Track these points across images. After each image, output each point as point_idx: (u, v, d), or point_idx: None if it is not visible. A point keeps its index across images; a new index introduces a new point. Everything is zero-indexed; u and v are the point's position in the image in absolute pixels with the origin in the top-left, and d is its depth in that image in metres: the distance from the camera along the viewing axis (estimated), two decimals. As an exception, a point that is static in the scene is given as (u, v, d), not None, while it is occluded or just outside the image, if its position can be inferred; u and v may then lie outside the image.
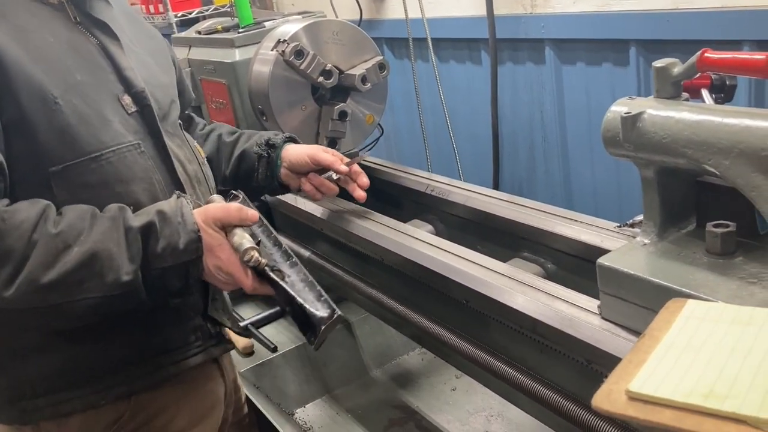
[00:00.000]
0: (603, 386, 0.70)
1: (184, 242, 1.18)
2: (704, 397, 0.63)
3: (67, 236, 1.10)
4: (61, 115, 1.16)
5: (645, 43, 2.24)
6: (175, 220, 1.19)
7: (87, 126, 1.20)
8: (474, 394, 2.08)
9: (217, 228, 1.25)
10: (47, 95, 1.16)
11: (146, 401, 1.32)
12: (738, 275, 1.05)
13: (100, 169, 1.21)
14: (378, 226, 1.84)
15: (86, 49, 1.26)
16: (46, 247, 1.08)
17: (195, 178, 1.41)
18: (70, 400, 1.25)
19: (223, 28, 2.54)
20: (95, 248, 1.11)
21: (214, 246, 1.23)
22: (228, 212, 1.27)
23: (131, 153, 1.26)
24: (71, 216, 1.13)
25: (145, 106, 1.30)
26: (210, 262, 1.23)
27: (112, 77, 1.28)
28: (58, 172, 1.17)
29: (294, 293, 1.26)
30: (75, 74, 1.21)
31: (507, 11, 2.67)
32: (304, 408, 2.17)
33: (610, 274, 1.16)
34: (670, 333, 0.76)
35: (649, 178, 1.17)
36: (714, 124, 1.02)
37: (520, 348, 1.42)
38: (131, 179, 1.25)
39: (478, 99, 2.98)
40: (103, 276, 1.12)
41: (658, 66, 1.14)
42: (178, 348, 1.35)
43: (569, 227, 1.58)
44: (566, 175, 2.76)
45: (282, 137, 1.71)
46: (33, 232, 1.08)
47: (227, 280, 1.26)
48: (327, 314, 1.25)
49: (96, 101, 1.23)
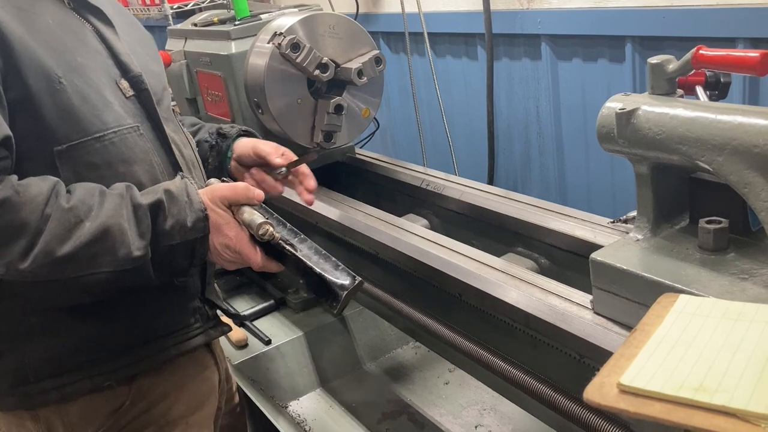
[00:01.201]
0: (594, 379, 0.70)
1: (191, 220, 1.19)
2: (694, 391, 0.64)
3: (79, 211, 1.12)
4: (65, 94, 1.17)
5: (641, 40, 2.25)
6: (182, 198, 1.20)
7: (90, 106, 1.21)
8: (467, 388, 2.09)
9: (224, 206, 1.26)
10: (51, 75, 1.16)
11: (146, 388, 1.33)
12: (730, 271, 1.06)
13: (104, 149, 1.22)
14: (373, 220, 1.84)
15: (82, 33, 1.27)
16: (60, 221, 1.09)
17: (190, 162, 1.42)
18: (75, 382, 1.26)
19: (219, 20, 2.53)
20: (108, 223, 1.12)
21: (222, 224, 1.25)
22: (235, 191, 1.28)
23: (131, 135, 1.27)
24: (81, 192, 1.15)
25: (143, 90, 1.31)
26: (217, 240, 1.24)
27: (109, 62, 1.28)
28: (63, 151, 1.18)
29: (311, 264, 1.27)
30: (76, 56, 1.22)
31: (503, 6, 2.67)
32: (298, 400, 2.18)
33: (603, 269, 1.17)
34: (661, 327, 0.77)
35: (642, 174, 1.18)
36: (708, 120, 1.03)
37: (514, 342, 1.42)
38: (133, 160, 1.26)
39: (474, 94, 2.98)
40: (116, 251, 1.13)
41: (654, 62, 1.15)
42: (179, 329, 1.36)
43: (563, 222, 1.59)
44: (561, 170, 2.77)
45: (237, 130, 1.67)
46: (46, 205, 1.09)
47: (234, 258, 1.27)
48: (348, 281, 1.27)
49: (96, 83, 1.23)
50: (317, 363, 2.26)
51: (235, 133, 1.64)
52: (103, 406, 1.30)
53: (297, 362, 2.24)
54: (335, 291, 1.27)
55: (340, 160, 2.38)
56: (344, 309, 1.31)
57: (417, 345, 2.33)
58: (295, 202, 2.08)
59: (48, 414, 1.27)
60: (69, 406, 1.27)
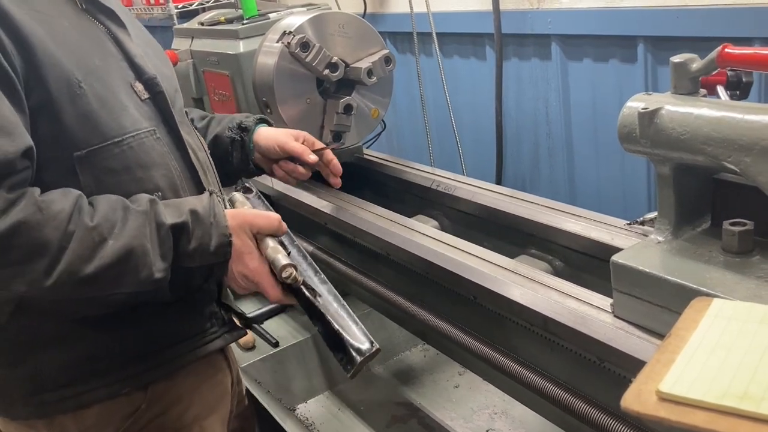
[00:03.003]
0: (632, 386, 0.68)
1: (214, 245, 1.17)
2: (739, 399, 0.61)
3: (103, 229, 1.09)
4: (85, 98, 1.15)
5: (653, 40, 2.23)
6: (208, 220, 1.18)
7: (108, 111, 1.18)
8: (477, 392, 2.07)
9: (251, 235, 1.24)
10: (72, 79, 1.14)
11: (161, 392, 1.31)
12: (756, 274, 1.04)
13: (122, 155, 1.20)
14: (383, 221, 1.82)
15: (97, 36, 1.24)
16: (83, 240, 1.07)
17: (205, 165, 1.40)
18: (92, 390, 1.24)
19: (226, 19, 2.51)
20: (131, 244, 1.10)
21: (245, 253, 1.23)
22: (269, 222, 1.27)
23: (148, 139, 1.24)
24: (104, 207, 1.12)
25: (158, 93, 1.29)
26: (236, 268, 1.23)
27: (123, 64, 1.26)
28: (82, 156, 1.16)
29: (330, 317, 1.24)
30: (93, 59, 1.20)
31: (513, 6, 2.65)
32: (306, 403, 2.16)
33: (625, 272, 1.15)
34: (697, 332, 0.75)
35: (665, 175, 1.16)
36: (735, 120, 1.00)
37: (529, 345, 1.40)
38: (151, 165, 1.24)
39: (482, 94, 2.96)
40: (138, 272, 1.11)
41: (677, 61, 1.13)
42: (196, 335, 1.34)
43: (578, 224, 1.57)
44: (570, 172, 2.75)
45: (253, 119, 1.66)
46: (69, 222, 1.06)
47: (249, 287, 1.25)
48: (366, 347, 1.22)
49: (113, 86, 1.21)
50: (325, 365, 2.25)
51: (253, 124, 1.64)
52: (119, 411, 1.27)
53: (305, 365, 2.22)
54: (351, 354, 1.23)
55: (349, 161, 2.36)
56: (358, 373, 1.24)
57: (426, 347, 2.31)
58: (302, 202, 2.06)
59: (63, 420, 1.25)
60: (84, 412, 1.25)
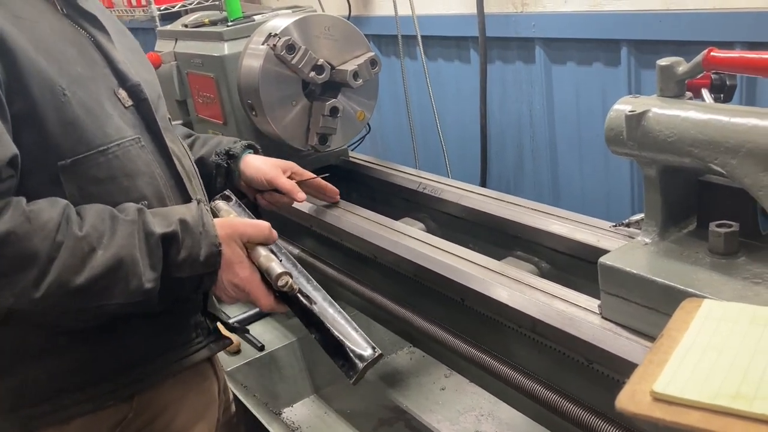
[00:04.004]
0: (626, 387, 0.68)
1: (204, 254, 1.16)
2: (732, 399, 0.62)
3: (92, 238, 1.08)
4: (69, 107, 1.13)
5: (636, 44, 2.25)
6: (197, 229, 1.17)
7: (93, 119, 1.17)
8: (464, 394, 2.07)
9: (241, 244, 1.23)
10: (56, 86, 1.12)
11: (148, 401, 1.30)
12: (742, 275, 1.05)
13: (108, 163, 1.18)
14: (369, 224, 1.82)
15: (79, 42, 1.22)
16: (73, 250, 1.05)
17: (190, 172, 1.38)
18: (77, 403, 1.22)
19: (210, 21, 2.49)
20: (121, 253, 1.09)
21: (235, 263, 1.22)
22: (259, 230, 1.25)
23: (133, 147, 1.23)
24: (92, 217, 1.11)
25: (142, 100, 1.27)
26: (226, 277, 1.21)
27: (107, 71, 1.24)
28: (67, 165, 1.14)
29: (329, 324, 1.23)
30: (76, 66, 1.18)
31: (497, 10, 2.66)
32: (292, 407, 2.15)
33: (612, 273, 1.15)
34: (689, 333, 0.75)
35: (651, 177, 1.17)
36: (721, 123, 1.02)
37: (517, 347, 1.41)
38: (136, 173, 1.22)
39: (467, 97, 2.97)
40: (128, 283, 1.10)
41: (663, 64, 1.14)
42: (182, 345, 1.33)
43: (564, 226, 1.58)
44: (554, 174, 2.77)
45: (241, 146, 1.66)
46: (57, 232, 1.05)
47: (239, 296, 1.24)
48: (369, 353, 1.22)
49: (97, 94, 1.19)
50: (311, 369, 2.24)
51: (241, 151, 1.66)
52: (105, 422, 1.25)
53: (291, 368, 2.21)
54: (353, 360, 1.21)
55: (334, 163, 2.35)
56: (361, 379, 1.24)
57: (412, 350, 2.31)
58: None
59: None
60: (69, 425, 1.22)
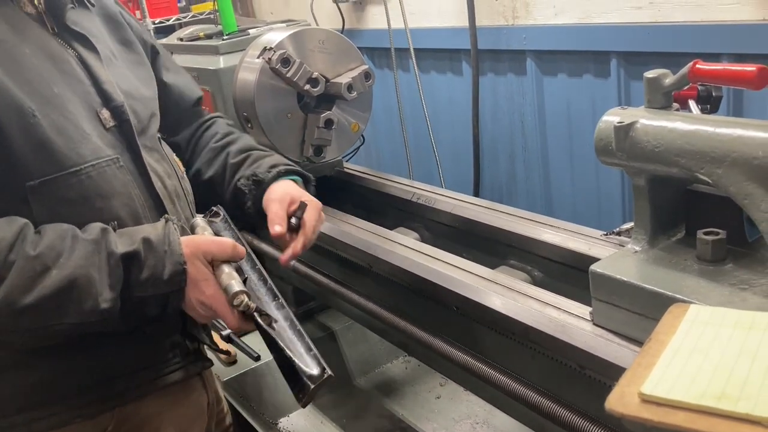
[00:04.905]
0: (615, 389, 0.71)
1: (168, 273, 1.15)
2: (717, 399, 0.64)
3: (46, 258, 1.07)
4: (39, 128, 1.13)
5: (626, 55, 2.29)
6: (161, 248, 1.16)
7: (66, 139, 1.16)
8: (459, 402, 2.09)
9: (205, 261, 1.21)
10: (24, 108, 1.12)
11: (130, 413, 1.29)
12: (729, 282, 1.07)
13: (80, 184, 1.17)
14: (364, 234, 1.84)
15: (64, 61, 1.23)
16: (23, 269, 1.05)
17: (174, 193, 1.37)
18: (46, 417, 1.21)
19: (205, 35, 2.52)
20: (75, 273, 1.08)
21: (200, 280, 1.19)
22: (221, 247, 1.23)
23: (110, 168, 1.22)
24: (51, 236, 1.10)
25: (124, 121, 1.27)
26: (192, 295, 1.19)
27: (91, 90, 1.24)
28: (35, 186, 1.13)
29: (283, 345, 1.21)
30: (52, 87, 1.18)
31: (489, 23, 2.70)
32: (288, 417, 2.16)
33: (603, 280, 1.18)
34: (676, 336, 0.78)
35: (640, 186, 1.19)
36: (707, 133, 1.04)
37: (511, 354, 1.42)
38: (111, 194, 1.21)
39: (459, 109, 3.00)
40: (82, 303, 1.09)
41: (650, 76, 1.17)
42: (155, 364, 1.32)
43: (556, 235, 1.61)
44: (546, 183, 2.80)
45: (274, 174, 1.50)
46: (10, 251, 1.05)
47: (208, 314, 1.22)
48: (317, 372, 1.18)
49: (74, 114, 1.19)
50: (307, 379, 2.25)
51: (270, 180, 1.49)
52: None
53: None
54: (303, 381, 1.18)
55: (329, 175, 2.38)
56: (311, 401, 1.20)
57: (407, 359, 2.33)
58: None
59: None
60: None
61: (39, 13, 1.23)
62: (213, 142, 1.63)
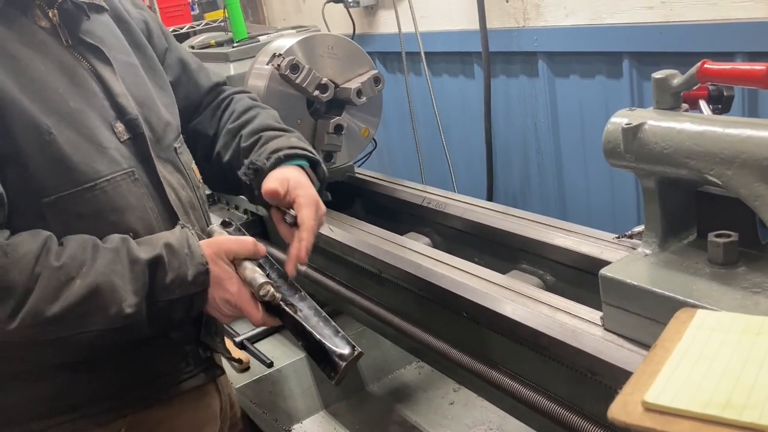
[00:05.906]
0: (618, 397, 0.69)
1: (192, 274, 1.17)
2: (722, 408, 0.62)
3: (70, 268, 1.09)
4: (55, 145, 1.14)
5: (638, 56, 2.26)
6: (182, 251, 1.18)
7: (82, 155, 1.17)
8: (473, 408, 2.07)
9: (228, 260, 1.23)
10: (41, 126, 1.13)
11: (142, 418, 1.30)
12: (741, 285, 1.05)
13: (95, 199, 1.18)
14: (375, 239, 1.83)
15: (78, 74, 1.23)
16: (49, 280, 1.07)
17: (189, 204, 1.37)
18: (60, 425, 1.23)
19: (216, 42, 2.54)
20: (98, 281, 1.10)
21: (224, 279, 1.22)
22: (242, 245, 1.25)
23: (125, 181, 1.23)
24: (73, 247, 1.12)
25: (138, 134, 1.27)
26: (217, 294, 1.21)
27: (105, 103, 1.24)
28: (50, 203, 1.15)
29: (310, 328, 1.25)
30: (68, 102, 1.18)
31: (500, 25, 2.69)
32: (301, 423, 2.15)
33: (613, 285, 1.16)
34: (681, 343, 0.76)
35: (650, 188, 1.17)
36: (716, 134, 1.02)
37: (522, 360, 1.41)
38: (126, 208, 1.22)
39: (472, 112, 2.99)
40: (106, 309, 1.10)
41: (658, 77, 1.15)
42: (170, 374, 1.33)
43: (568, 238, 1.58)
44: (560, 186, 2.78)
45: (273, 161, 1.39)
46: (35, 265, 1.06)
47: (233, 312, 1.24)
48: (348, 351, 1.24)
49: (89, 129, 1.20)
50: (320, 385, 2.24)
51: (269, 168, 1.39)
52: None
53: (299, 384, 2.22)
54: (334, 360, 1.23)
55: (340, 180, 2.37)
56: (343, 379, 1.25)
57: (420, 365, 2.31)
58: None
59: None
60: None
61: (53, 25, 1.23)
62: (230, 123, 1.56)
